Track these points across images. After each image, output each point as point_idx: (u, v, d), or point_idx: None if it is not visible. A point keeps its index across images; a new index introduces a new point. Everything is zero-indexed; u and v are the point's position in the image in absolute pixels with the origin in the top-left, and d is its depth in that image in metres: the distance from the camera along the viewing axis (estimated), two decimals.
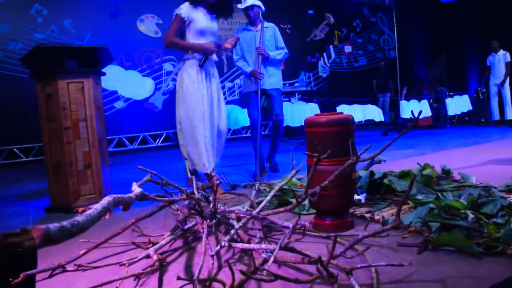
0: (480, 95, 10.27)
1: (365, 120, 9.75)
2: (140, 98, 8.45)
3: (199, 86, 3.54)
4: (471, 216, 2.03)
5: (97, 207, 1.49)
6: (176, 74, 4.19)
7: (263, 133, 5.34)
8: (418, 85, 11.18)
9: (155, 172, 2.36)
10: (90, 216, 1.41)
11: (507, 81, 9.16)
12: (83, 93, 3.50)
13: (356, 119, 8.67)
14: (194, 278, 1.48)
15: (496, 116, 9.31)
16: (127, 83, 8.23)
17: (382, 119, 9.80)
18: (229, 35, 9.25)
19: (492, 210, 2.17)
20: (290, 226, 1.62)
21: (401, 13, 12.49)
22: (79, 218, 1.36)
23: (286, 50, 4.81)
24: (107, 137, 7.68)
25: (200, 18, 3.63)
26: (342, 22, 11.26)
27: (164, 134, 8.80)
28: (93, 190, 3.52)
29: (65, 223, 1.34)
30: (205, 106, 3.55)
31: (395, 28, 12.65)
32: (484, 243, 1.84)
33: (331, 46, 11.16)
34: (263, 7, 4.73)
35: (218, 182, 2.14)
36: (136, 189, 1.96)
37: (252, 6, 4.61)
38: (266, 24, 4.72)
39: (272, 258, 1.40)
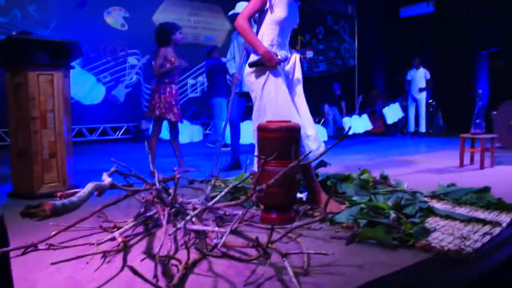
0: (430, 108, 10.94)
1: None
2: (88, 103, 8.36)
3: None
4: (393, 215, 2.40)
5: (84, 190, 1.77)
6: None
7: None
8: (374, 93, 11.74)
9: (124, 164, 2.59)
10: (80, 197, 1.71)
11: (424, 96, 9.95)
12: (52, 85, 3.68)
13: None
14: (155, 254, 1.76)
15: (412, 127, 10.05)
16: (78, 85, 7.97)
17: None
18: (194, 33, 9.51)
19: (412, 211, 2.56)
20: (240, 213, 1.92)
21: (363, 23, 13.04)
22: (73, 198, 1.64)
23: None
24: None
25: (284, 5, 2.97)
26: (305, 28, 11.67)
27: (125, 127, 8.92)
28: (57, 178, 3.70)
29: (65, 201, 1.66)
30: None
31: (356, 37, 13.20)
32: (399, 237, 2.22)
33: (293, 51, 11.53)
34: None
35: (179, 175, 2.40)
36: (106, 179, 2.20)
37: None
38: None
39: (223, 239, 1.70)
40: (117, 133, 8.88)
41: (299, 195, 2.81)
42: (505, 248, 2.35)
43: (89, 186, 1.82)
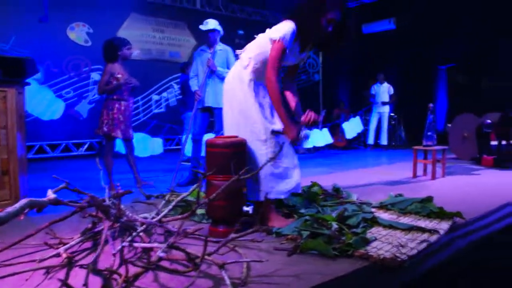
0: (392, 121, 11.26)
1: None
2: (46, 119, 8.22)
3: None
4: (335, 226, 2.50)
5: (15, 206, 1.78)
6: None
7: None
8: (337, 108, 11.98)
9: (66, 181, 2.60)
10: (9, 212, 1.71)
11: (387, 110, 10.28)
12: (5, 102, 3.65)
13: None
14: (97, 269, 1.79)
15: (372, 140, 10.32)
16: (36, 101, 7.93)
17: None
18: (159, 49, 9.52)
19: (354, 222, 2.67)
20: (173, 229, 1.98)
21: None
22: (1, 213, 1.65)
23: None
24: (28, 143, 7.65)
25: (293, 55, 2.99)
26: None
27: (88, 143, 8.84)
28: (9, 195, 3.65)
29: None
30: None
31: (320, 52, 13.46)
32: (339, 248, 2.31)
33: None
34: (221, 32, 5.15)
35: (122, 191, 2.44)
36: (50, 195, 2.22)
37: (213, 30, 5.03)
38: (220, 46, 5.14)
39: (158, 253, 1.75)
40: (80, 149, 8.79)
41: (245, 208, 2.88)
42: (440, 254, 2.48)
43: (22, 201, 1.84)
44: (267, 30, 2.94)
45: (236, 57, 3.13)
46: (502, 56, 10.08)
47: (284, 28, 2.78)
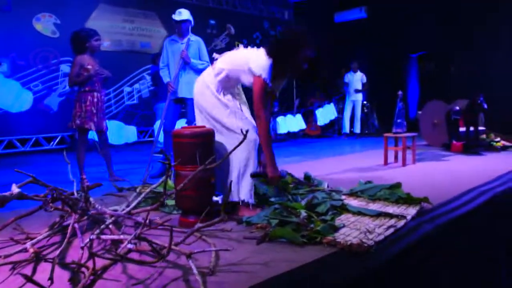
0: (365, 109, 11.38)
1: None
2: (15, 111, 7.99)
3: None
4: (303, 214, 2.54)
5: None
6: None
7: None
8: (313, 97, 12.03)
9: (30, 175, 2.55)
10: None
11: (361, 98, 10.40)
12: None
13: None
14: (58, 261, 1.78)
15: (347, 129, 10.45)
16: (3, 94, 7.72)
17: None
18: (129, 40, 9.37)
19: (323, 210, 2.71)
20: (141, 220, 1.98)
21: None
22: None
23: (210, 64, 5.15)
24: None
25: (274, 85, 3.16)
26: (242, 34, 11.81)
27: (60, 136, 8.67)
28: None
29: None
30: None
31: None
32: (308, 235, 2.34)
33: None
34: (193, 22, 5.11)
35: (91, 184, 2.41)
36: (14, 189, 2.19)
37: (186, 20, 4.97)
38: (192, 37, 5.09)
39: (125, 244, 1.75)
40: (51, 143, 8.61)
41: (214, 198, 2.89)
42: (406, 239, 2.54)
43: None
44: (246, 52, 3.14)
45: (212, 60, 3.27)
46: (473, 42, 10.29)
47: (263, 63, 2.95)
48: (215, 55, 3.26)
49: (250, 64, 2.95)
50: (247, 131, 2.46)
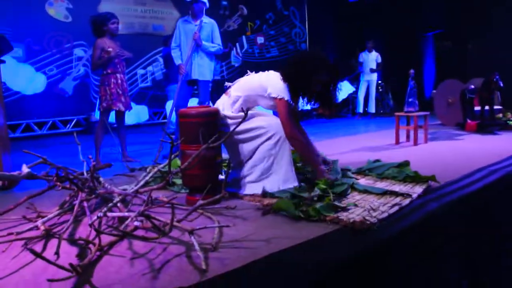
0: (380, 88, 11.27)
1: None
2: (30, 93, 8.15)
3: None
4: (316, 191, 2.57)
5: None
6: None
7: None
8: None
9: (40, 155, 2.62)
10: None
11: (375, 78, 10.25)
12: None
13: None
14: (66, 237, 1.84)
15: (361, 108, 10.35)
16: (18, 76, 7.84)
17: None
18: (142, 22, 9.40)
19: (339, 191, 2.77)
20: (146, 198, 2.03)
21: (313, 8, 13.20)
22: None
23: (221, 47, 5.18)
24: (14, 122, 7.60)
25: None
26: (255, 14, 11.74)
27: (75, 120, 8.80)
28: None
29: None
30: None
31: (307, 22, 13.37)
32: (306, 210, 2.38)
33: (244, 37, 11.64)
34: (207, 4, 5.09)
35: (102, 165, 2.48)
36: (24, 169, 2.25)
37: (197, 1, 4.97)
38: (206, 19, 5.08)
39: (128, 221, 1.80)
40: (67, 126, 8.76)
41: (221, 176, 2.93)
42: (410, 217, 2.55)
43: None
44: (259, 77, 3.17)
45: (226, 88, 3.30)
46: (491, 20, 10.06)
47: (281, 87, 3.00)
48: (227, 83, 3.32)
49: (269, 90, 2.99)
50: (247, 109, 2.48)
